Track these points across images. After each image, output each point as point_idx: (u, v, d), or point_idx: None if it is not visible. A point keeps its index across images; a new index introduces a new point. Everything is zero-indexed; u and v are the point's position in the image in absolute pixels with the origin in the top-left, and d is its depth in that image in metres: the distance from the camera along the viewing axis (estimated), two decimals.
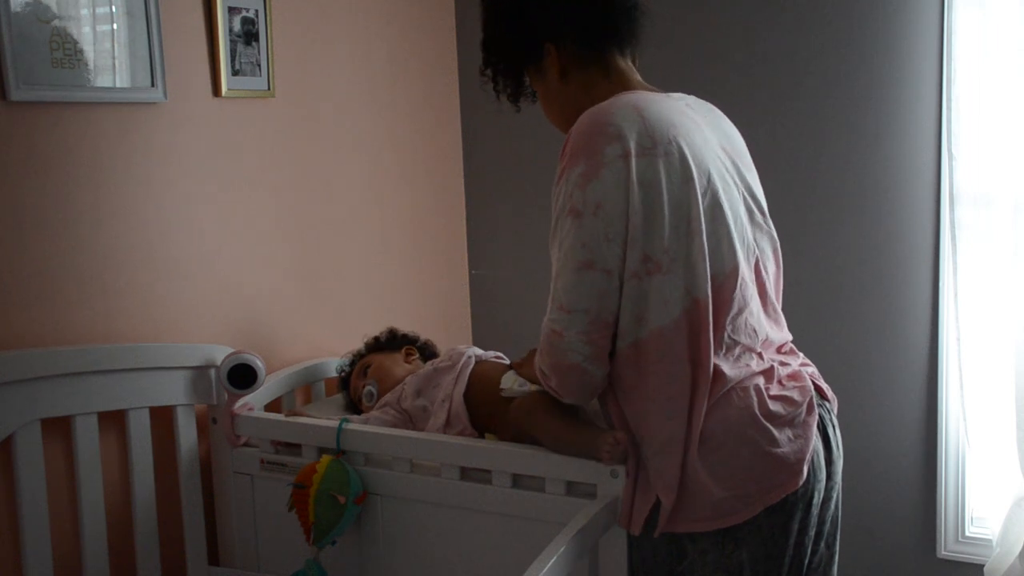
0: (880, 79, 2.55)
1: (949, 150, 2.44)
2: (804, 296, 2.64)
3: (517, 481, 1.88)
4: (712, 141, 1.63)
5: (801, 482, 1.57)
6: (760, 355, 1.64)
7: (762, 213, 1.69)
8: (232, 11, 2.29)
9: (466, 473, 1.93)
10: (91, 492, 2.03)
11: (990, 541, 2.54)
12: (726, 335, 1.58)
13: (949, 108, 2.43)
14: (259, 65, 2.36)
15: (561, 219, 1.55)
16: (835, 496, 1.71)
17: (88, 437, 2.01)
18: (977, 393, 2.48)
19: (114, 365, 2.03)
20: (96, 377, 2.01)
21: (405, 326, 2.63)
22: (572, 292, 1.53)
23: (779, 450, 1.56)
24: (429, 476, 1.96)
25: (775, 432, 1.57)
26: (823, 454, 1.65)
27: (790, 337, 1.76)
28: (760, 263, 1.67)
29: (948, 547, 2.62)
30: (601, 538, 1.72)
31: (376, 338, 2.42)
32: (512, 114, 1.81)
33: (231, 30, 2.29)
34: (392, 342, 2.41)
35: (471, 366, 2.14)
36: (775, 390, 1.61)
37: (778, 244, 1.75)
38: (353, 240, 2.70)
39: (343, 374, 2.41)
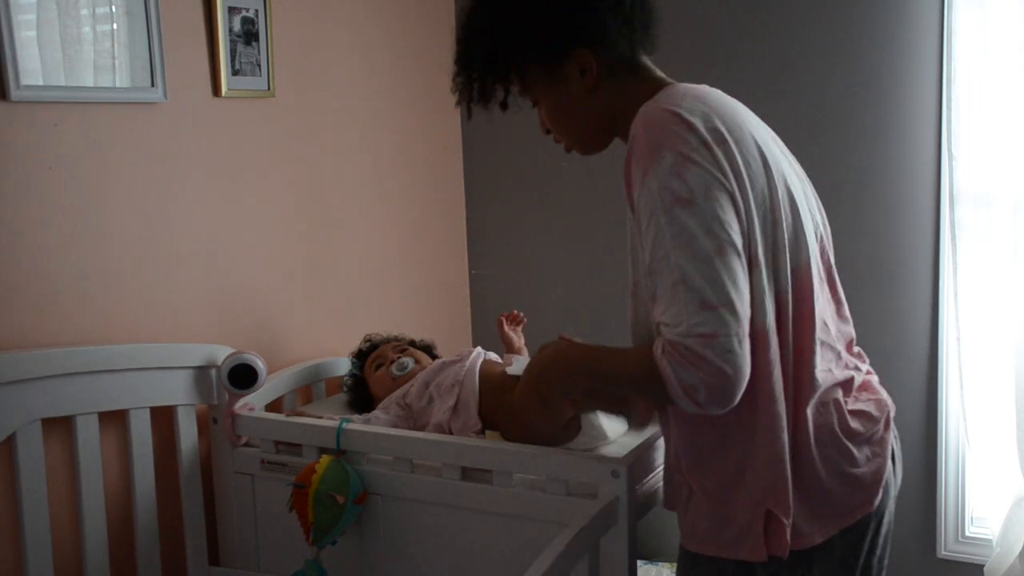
0: (880, 79, 2.55)
1: (949, 150, 2.44)
2: None
3: (517, 481, 1.88)
4: (763, 126, 1.53)
5: (878, 502, 1.50)
6: (838, 355, 1.52)
7: (815, 199, 1.59)
8: (232, 11, 2.29)
9: (466, 473, 1.94)
10: (92, 492, 2.03)
11: (990, 541, 2.54)
12: (815, 333, 1.45)
13: (949, 108, 2.42)
14: (259, 65, 2.36)
15: (664, 214, 1.32)
16: (893, 508, 1.62)
17: (89, 437, 2.01)
18: (977, 393, 2.48)
19: (115, 365, 2.03)
20: (97, 377, 2.01)
21: (405, 326, 2.64)
22: (713, 285, 1.29)
23: (858, 470, 1.48)
24: (429, 476, 1.96)
25: (854, 451, 1.47)
26: (891, 469, 1.56)
27: (853, 333, 1.61)
28: (826, 251, 1.57)
29: (948, 547, 2.63)
30: (601, 538, 1.72)
31: (412, 340, 2.45)
32: (512, 114, 1.68)
33: (231, 30, 2.29)
34: (428, 350, 2.44)
35: (481, 359, 2.16)
36: (852, 404, 1.51)
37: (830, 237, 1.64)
38: (353, 240, 2.70)
39: (367, 346, 2.41)
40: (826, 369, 1.47)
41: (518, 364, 2.13)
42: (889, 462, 1.54)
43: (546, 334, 2.65)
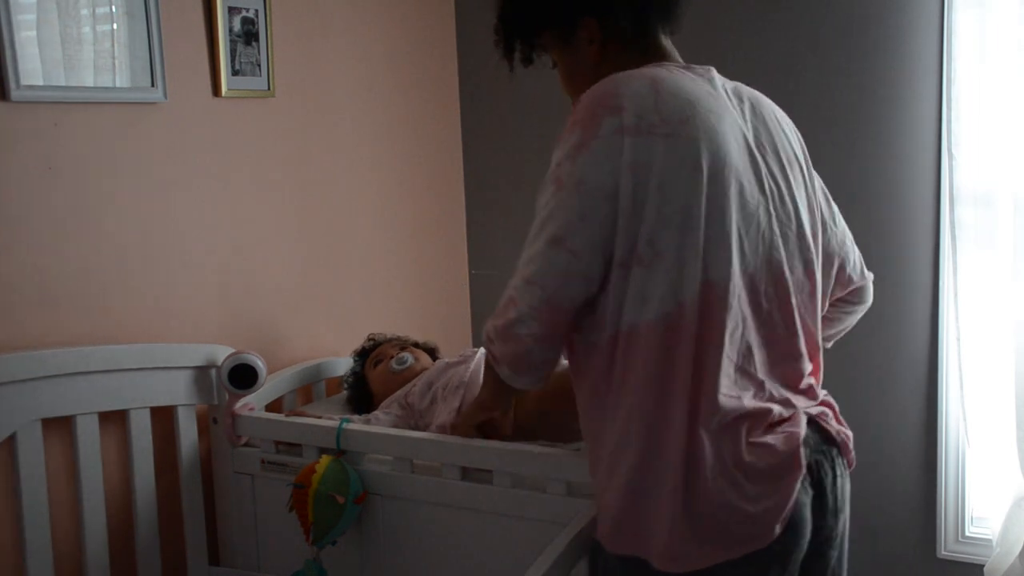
0: (880, 79, 2.55)
1: (949, 150, 2.44)
2: None
3: (517, 481, 1.88)
4: (740, 129, 1.47)
5: (770, 541, 1.39)
6: (760, 385, 1.46)
7: (791, 217, 1.50)
8: (232, 11, 2.29)
9: (466, 473, 1.93)
10: (92, 492, 2.03)
11: (990, 541, 2.54)
12: (724, 353, 1.41)
13: (949, 108, 2.42)
14: (259, 65, 2.36)
15: (546, 184, 1.46)
16: (832, 552, 1.54)
17: (89, 437, 2.01)
18: (977, 393, 2.48)
19: (115, 365, 2.03)
20: (97, 377, 2.01)
21: (405, 326, 2.64)
22: (535, 263, 1.44)
23: (748, 507, 1.39)
24: (429, 476, 1.96)
25: (745, 484, 1.40)
26: (812, 506, 1.46)
27: (809, 369, 1.54)
28: (788, 278, 1.48)
29: (948, 547, 2.62)
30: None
31: (416, 341, 2.44)
32: (512, 114, 1.73)
33: (231, 30, 2.29)
34: (431, 352, 2.44)
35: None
36: (757, 436, 1.43)
37: (816, 257, 1.54)
38: (353, 240, 2.70)
39: (370, 342, 2.41)
40: (734, 396, 1.42)
41: None
42: (802, 498, 1.43)
43: None
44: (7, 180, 1.91)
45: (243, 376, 2.12)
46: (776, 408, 1.46)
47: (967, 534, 2.62)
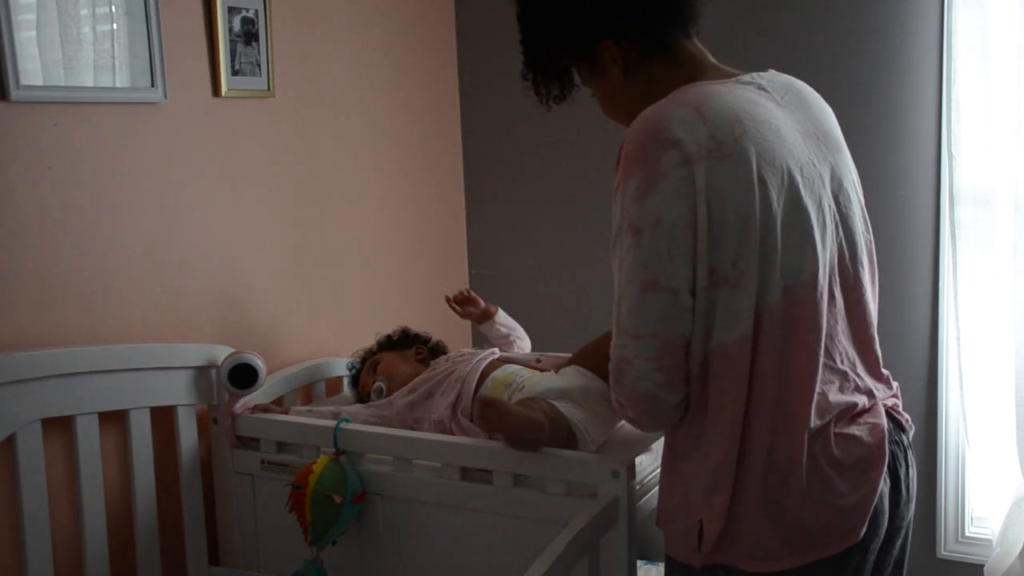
0: (880, 79, 2.55)
1: (949, 150, 2.44)
2: None
3: (517, 481, 1.88)
4: (790, 129, 1.47)
5: (861, 535, 1.43)
6: (844, 376, 1.47)
7: (848, 203, 1.50)
8: (232, 11, 2.29)
9: (466, 473, 1.94)
10: (92, 492, 2.03)
11: (990, 541, 2.54)
12: (811, 352, 1.41)
13: (949, 108, 2.42)
14: (259, 65, 2.36)
15: (620, 237, 1.42)
16: (898, 541, 1.55)
17: (89, 437, 2.01)
18: (977, 393, 2.48)
19: (114, 365, 2.03)
20: (97, 377, 2.00)
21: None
22: (637, 316, 1.39)
23: (840, 501, 1.41)
24: (429, 476, 1.96)
25: (836, 480, 1.42)
26: (888, 496, 1.48)
27: (880, 354, 1.56)
28: (851, 265, 1.49)
29: (948, 547, 2.62)
30: (601, 538, 1.72)
31: (388, 336, 2.44)
32: (512, 114, 1.72)
33: (231, 30, 2.29)
34: (404, 340, 2.43)
35: (489, 359, 2.16)
36: (842, 427, 1.45)
37: (872, 243, 1.56)
38: (353, 240, 2.70)
39: (353, 371, 2.41)
40: (821, 393, 1.43)
41: (541, 382, 2.03)
42: (883, 488, 1.46)
43: (546, 335, 2.66)
44: (7, 180, 1.91)
45: (243, 376, 2.12)
46: (861, 400, 1.48)
47: (967, 534, 2.62)
